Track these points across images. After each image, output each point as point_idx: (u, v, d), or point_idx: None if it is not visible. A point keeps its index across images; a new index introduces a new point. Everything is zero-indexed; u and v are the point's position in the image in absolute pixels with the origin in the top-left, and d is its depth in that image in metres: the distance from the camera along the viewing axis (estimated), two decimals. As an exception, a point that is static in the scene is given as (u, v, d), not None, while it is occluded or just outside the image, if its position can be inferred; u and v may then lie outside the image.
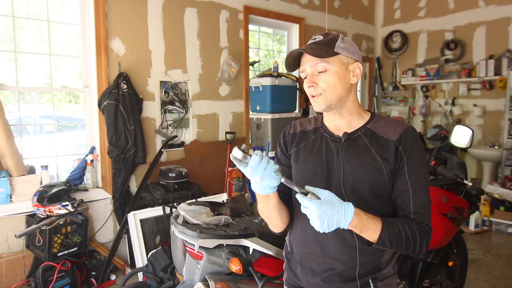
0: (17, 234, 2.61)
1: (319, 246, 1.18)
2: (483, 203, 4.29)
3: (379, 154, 1.12)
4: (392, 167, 1.12)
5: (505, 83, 4.69)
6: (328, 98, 1.14)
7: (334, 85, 1.12)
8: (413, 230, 1.08)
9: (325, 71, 1.12)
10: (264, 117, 4.18)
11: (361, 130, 1.18)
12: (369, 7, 6.08)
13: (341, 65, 1.13)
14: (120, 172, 3.30)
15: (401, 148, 1.12)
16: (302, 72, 1.17)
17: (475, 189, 2.30)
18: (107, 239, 3.32)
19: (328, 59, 1.11)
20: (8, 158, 2.80)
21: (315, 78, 1.13)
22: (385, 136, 1.15)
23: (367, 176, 1.12)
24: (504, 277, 3.18)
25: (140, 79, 3.49)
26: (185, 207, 2.15)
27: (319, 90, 1.13)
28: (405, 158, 1.11)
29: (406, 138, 1.12)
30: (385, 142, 1.14)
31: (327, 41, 1.14)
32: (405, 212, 1.12)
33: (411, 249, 1.08)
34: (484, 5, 5.03)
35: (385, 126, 1.17)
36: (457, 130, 2.41)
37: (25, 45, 3.10)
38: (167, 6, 3.63)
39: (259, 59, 4.82)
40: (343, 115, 1.19)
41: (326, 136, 1.22)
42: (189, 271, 2.03)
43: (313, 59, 1.12)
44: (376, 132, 1.17)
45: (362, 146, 1.15)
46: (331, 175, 1.16)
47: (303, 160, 1.23)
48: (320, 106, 1.15)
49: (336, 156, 1.17)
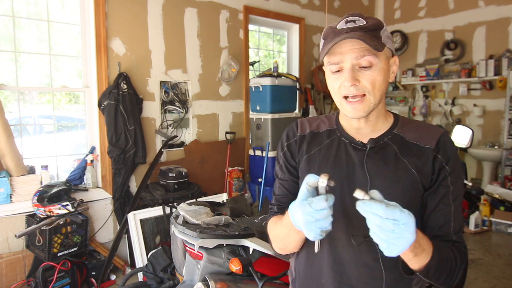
0: (17, 234, 2.61)
1: (338, 275, 0.96)
2: (483, 203, 4.29)
3: (413, 165, 0.93)
4: (428, 180, 0.93)
5: (505, 83, 4.69)
6: (371, 102, 0.91)
7: (380, 85, 0.90)
8: (456, 257, 0.89)
9: (370, 66, 0.88)
10: (264, 117, 4.18)
11: (388, 135, 0.97)
12: (369, 7, 6.08)
13: (386, 59, 0.92)
14: (120, 172, 3.30)
15: (441, 157, 0.93)
16: (334, 63, 0.91)
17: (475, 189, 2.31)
18: (107, 239, 3.32)
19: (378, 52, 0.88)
20: (8, 158, 2.80)
21: (356, 74, 0.89)
22: (419, 143, 0.95)
23: (402, 193, 0.91)
24: (504, 277, 3.18)
25: (140, 79, 3.49)
26: (185, 207, 2.15)
27: (362, 90, 0.89)
28: (448, 169, 0.93)
29: (445, 145, 0.94)
30: (419, 151, 0.94)
31: (373, 27, 0.90)
32: (443, 232, 0.93)
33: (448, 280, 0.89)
34: (484, 5, 5.03)
35: (416, 132, 0.97)
36: (457, 130, 2.41)
37: (25, 45, 3.10)
38: (167, 6, 3.63)
39: (259, 59, 4.81)
40: (369, 118, 0.97)
41: (345, 142, 1.00)
42: (189, 271, 2.03)
43: (358, 50, 0.87)
44: (406, 138, 0.97)
45: (392, 156, 0.94)
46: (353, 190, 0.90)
47: (317, 171, 0.94)
48: (361, 113, 0.92)
49: (359, 168, 0.95)
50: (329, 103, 5.31)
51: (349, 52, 0.88)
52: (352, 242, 0.93)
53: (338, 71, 0.91)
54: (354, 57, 0.88)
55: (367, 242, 0.89)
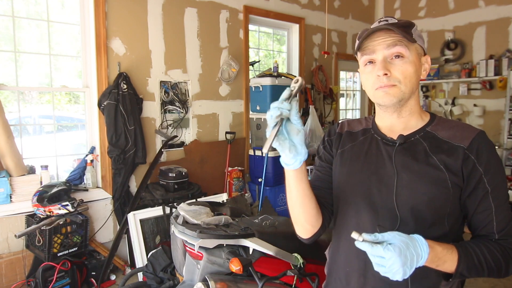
0: (17, 234, 2.61)
1: (363, 263, 1.01)
2: (483, 203, 4.29)
3: (442, 162, 0.95)
4: (459, 179, 0.94)
5: (505, 83, 4.69)
6: (402, 91, 0.95)
7: (411, 76, 0.94)
8: (495, 255, 0.92)
9: (402, 57, 0.94)
10: (264, 117, 4.18)
11: (420, 133, 1.00)
12: (369, 7, 6.08)
13: (417, 54, 0.97)
14: (120, 172, 3.30)
15: (474, 158, 0.94)
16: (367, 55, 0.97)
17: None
18: (107, 239, 3.32)
19: (409, 44, 0.94)
20: (8, 158, 2.80)
21: (388, 65, 0.94)
22: (451, 141, 0.97)
23: (427, 188, 0.94)
24: (504, 277, 3.17)
25: (140, 79, 3.49)
26: (185, 207, 2.15)
27: (393, 80, 0.94)
28: (482, 170, 0.93)
29: (480, 145, 0.94)
30: (451, 148, 0.96)
31: (405, 24, 0.95)
32: (486, 232, 0.95)
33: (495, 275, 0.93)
34: (484, 5, 5.03)
35: (450, 130, 0.99)
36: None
37: (25, 45, 3.10)
38: (167, 6, 3.63)
39: (259, 59, 4.81)
40: (402, 114, 1.01)
41: (377, 138, 1.05)
42: (189, 271, 2.03)
43: (390, 41, 0.93)
44: (439, 136, 0.99)
45: (421, 152, 0.97)
46: (382, 184, 0.99)
47: (348, 164, 1.06)
48: (392, 99, 0.95)
49: (388, 162, 0.99)
50: (329, 103, 5.30)
51: (381, 44, 0.94)
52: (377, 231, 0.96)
53: (371, 63, 0.97)
54: (386, 47, 0.93)
55: None
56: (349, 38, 5.70)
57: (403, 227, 0.94)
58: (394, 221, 0.95)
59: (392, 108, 1.00)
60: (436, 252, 0.84)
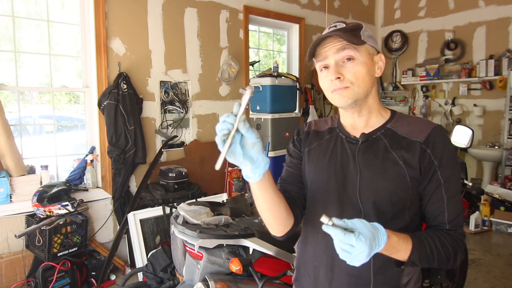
0: (17, 234, 2.61)
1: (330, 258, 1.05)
2: (483, 203, 4.29)
3: (401, 157, 0.99)
4: (417, 172, 0.99)
5: (505, 83, 4.69)
6: (355, 92, 1.00)
7: (363, 77, 0.99)
8: (445, 245, 0.96)
9: (353, 59, 0.98)
10: (264, 117, 4.18)
11: (381, 130, 1.05)
12: (369, 7, 6.08)
13: (368, 55, 1.01)
14: (120, 172, 3.30)
15: (430, 151, 0.98)
16: (320, 61, 1.02)
17: (475, 189, 2.30)
18: (107, 239, 3.32)
19: (357, 46, 0.99)
20: (8, 158, 2.80)
21: (340, 69, 0.99)
22: (409, 137, 1.01)
23: (388, 183, 0.99)
24: (504, 277, 3.18)
25: (140, 79, 3.49)
26: (185, 207, 2.15)
27: (345, 83, 0.98)
28: (436, 163, 0.98)
29: (436, 139, 0.99)
30: (409, 144, 1.00)
31: (352, 28, 1.01)
32: (438, 222, 1.00)
33: (443, 264, 0.97)
34: (484, 5, 5.03)
35: (409, 126, 1.04)
36: (457, 130, 2.41)
37: (25, 45, 3.10)
38: (167, 6, 3.63)
39: (259, 59, 4.81)
40: (362, 113, 1.06)
41: (342, 137, 1.10)
42: (189, 271, 2.03)
43: (339, 46, 0.98)
44: (398, 132, 1.03)
45: (382, 149, 1.02)
46: (346, 180, 1.04)
47: (315, 162, 1.11)
48: (346, 100, 1.00)
49: (352, 160, 1.04)
50: (329, 103, 5.30)
51: (331, 49, 0.99)
52: None
53: (326, 68, 1.02)
54: (336, 51, 0.99)
55: None
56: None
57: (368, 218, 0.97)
58: (358, 215, 0.99)
59: (351, 108, 1.05)
60: (392, 241, 0.87)
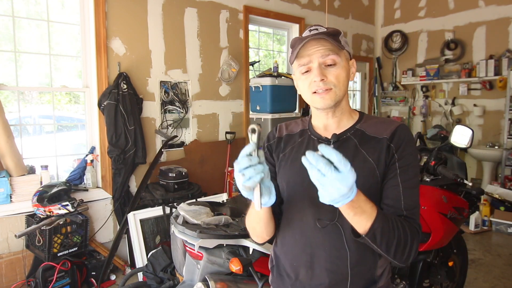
0: (17, 234, 2.61)
1: (309, 256, 1.08)
2: (483, 203, 4.29)
3: (371, 154, 1.04)
4: (384, 167, 1.03)
5: (505, 83, 4.69)
6: (337, 95, 1.04)
7: (344, 80, 1.04)
8: (406, 229, 0.96)
9: (334, 64, 1.03)
10: (264, 117, 4.18)
11: (351, 131, 1.10)
12: (369, 7, 6.08)
13: (346, 60, 1.07)
14: (120, 172, 3.30)
15: (393, 146, 1.03)
16: (303, 65, 1.05)
17: (475, 189, 2.31)
18: (107, 239, 3.32)
19: (339, 51, 1.03)
20: (8, 158, 2.80)
21: (323, 71, 1.02)
22: (376, 135, 1.06)
23: (360, 180, 0.98)
24: (504, 277, 3.18)
25: (140, 79, 3.49)
26: (185, 207, 2.15)
27: (328, 84, 1.02)
28: (397, 156, 1.03)
29: (399, 136, 1.04)
30: (376, 142, 1.05)
31: (333, 33, 1.04)
32: (395, 208, 1.01)
33: (400, 250, 0.95)
34: (484, 5, 5.03)
35: (376, 126, 1.09)
36: (457, 130, 2.41)
37: (25, 45, 3.10)
38: (167, 6, 3.63)
39: (259, 59, 4.81)
40: (335, 114, 1.10)
41: (313, 139, 1.13)
42: (189, 271, 2.03)
43: (323, 50, 1.01)
44: (367, 132, 1.08)
45: (352, 148, 1.06)
46: None
47: (289, 166, 1.13)
48: (329, 103, 1.04)
49: None
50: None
51: (315, 53, 1.02)
52: (317, 226, 1.05)
53: (307, 71, 1.04)
54: (320, 56, 1.02)
55: (332, 225, 1.04)
56: (349, 38, 5.70)
57: (342, 218, 0.99)
58: (333, 213, 1.02)
59: (326, 110, 1.08)
60: (360, 197, 0.87)
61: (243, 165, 0.83)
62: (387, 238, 0.92)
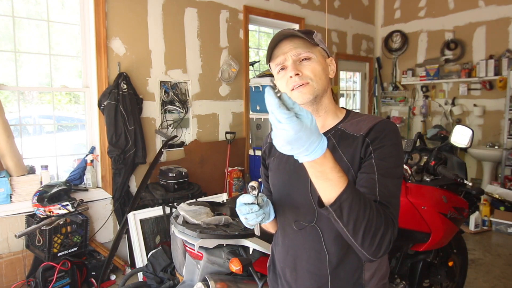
0: (17, 234, 2.61)
1: (293, 258, 1.10)
2: (483, 203, 4.29)
3: (347, 154, 1.01)
4: (357, 162, 0.99)
5: (505, 83, 4.69)
6: (315, 88, 1.03)
7: (320, 74, 1.04)
8: (380, 213, 0.86)
9: (309, 59, 1.04)
10: (264, 117, 4.18)
11: (331, 131, 1.08)
12: (369, 7, 6.08)
13: (321, 56, 1.07)
14: (120, 172, 3.30)
15: (368, 139, 0.99)
16: (278, 64, 1.05)
17: (475, 189, 2.30)
18: (107, 239, 3.32)
19: (312, 48, 1.04)
20: (8, 158, 2.80)
21: (298, 66, 1.03)
22: (355, 133, 1.03)
23: None
24: (504, 277, 3.18)
25: (140, 79, 3.49)
26: (185, 207, 2.15)
27: (305, 79, 1.02)
28: (372, 148, 0.98)
29: (377, 129, 1.00)
30: (354, 140, 1.02)
31: (305, 31, 1.06)
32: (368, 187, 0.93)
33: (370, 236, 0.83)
34: (484, 5, 5.03)
35: (358, 124, 1.05)
36: (457, 130, 2.41)
37: (25, 45, 3.10)
38: (167, 6, 3.63)
39: (259, 59, 4.82)
40: (319, 113, 1.09)
41: None
42: (189, 271, 2.03)
43: (297, 47, 1.03)
44: (347, 131, 1.05)
45: (330, 149, 0.95)
46: (300, 182, 1.05)
47: (275, 169, 1.16)
48: (308, 96, 1.03)
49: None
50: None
51: (289, 51, 1.03)
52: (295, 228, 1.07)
53: (283, 69, 1.05)
54: (294, 54, 1.03)
55: (311, 228, 1.04)
56: (349, 38, 5.70)
57: (320, 221, 1.02)
58: (312, 214, 1.04)
59: (310, 107, 1.07)
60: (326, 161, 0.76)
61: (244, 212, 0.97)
62: (355, 215, 0.81)
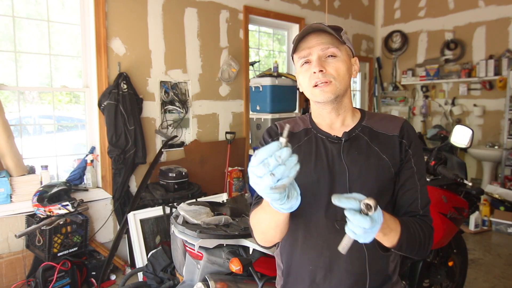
0: (17, 234, 2.61)
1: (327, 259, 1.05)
2: (483, 203, 4.29)
3: (384, 151, 1.05)
4: (397, 163, 1.05)
5: (505, 83, 4.69)
6: (337, 88, 1.02)
7: (344, 74, 1.03)
8: (423, 229, 1.01)
9: (335, 56, 1.02)
10: (264, 117, 4.18)
11: (358, 128, 1.09)
12: (369, 7, 6.08)
13: (347, 55, 1.06)
14: (120, 172, 3.30)
15: (405, 141, 1.06)
16: (303, 57, 1.04)
17: (475, 189, 2.31)
18: (107, 239, 3.32)
19: (339, 45, 1.03)
20: (8, 158, 2.80)
21: (323, 63, 1.01)
22: (385, 132, 1.08)
23: (375, 177, 1.03)
24: (504, 277, 3.18)
25: (140, 79, 3.49)
26: (185, 207, 2.15)
27: (328, 77, 1.01)
28: (411, 152, 1.05)
29: (408, 131, 1.08)
30: (387, 138, 1.07)
31: (335, 27, 1.03)
32: (412, 208, 1.05)
33: (421, 251, 1.01)
34: (484, 5, 5.03)
35: (381, 122, 1.10)
36: (457, 130, 2.41)
37: (25, 45, 3.10)
38: (167, 6, 3.63)
39: (259, 59, 4.81)
40: (339, 112, 1.09)
41: (321, 137, 1.10)
42: (189, 271, 2.03)
43: (324, 42, 1.01)
44: (374, 129, 1.09)
45: (364, 146, 1.06)
46: (335, 180, 1.04)
47: (303, 166, 1.05)
48: (329, 95, 1.02)
49: (338, 159, 1.05)
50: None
51: (315, 46, 1.02)
52: (336, 227, 1.03)
53: (307, 63, 1.04)
54: (320, 48, 1.01)
55: None
56: (349, 38, 5.69)
57: None
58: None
59: (330, 105, 1.07)
60: (386, 218, 0.87)
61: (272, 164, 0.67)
62: (411, 245, 0.97)
